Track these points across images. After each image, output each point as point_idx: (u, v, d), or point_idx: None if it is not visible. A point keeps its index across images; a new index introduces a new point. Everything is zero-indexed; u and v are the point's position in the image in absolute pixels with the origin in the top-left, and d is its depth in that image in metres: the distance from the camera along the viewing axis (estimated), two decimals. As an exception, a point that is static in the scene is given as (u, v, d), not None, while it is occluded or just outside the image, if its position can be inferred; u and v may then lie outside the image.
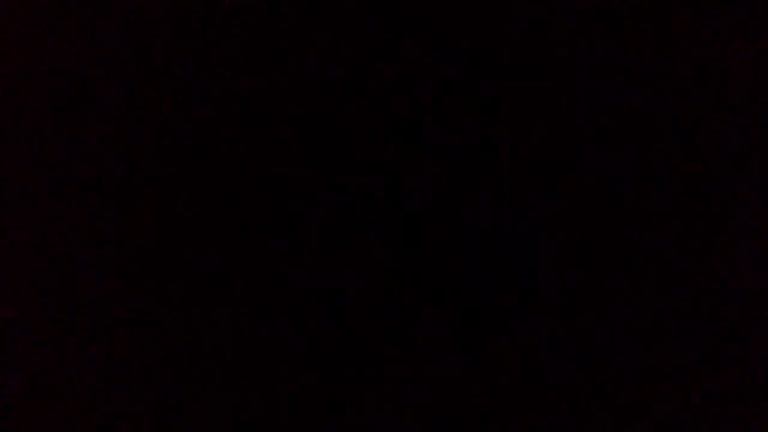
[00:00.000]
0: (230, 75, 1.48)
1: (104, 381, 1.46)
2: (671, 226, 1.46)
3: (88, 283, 1.47)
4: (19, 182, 1.47)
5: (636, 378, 1.44)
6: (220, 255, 1.47)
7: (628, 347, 1.44)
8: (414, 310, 1.46)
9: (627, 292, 1.45)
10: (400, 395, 1.45)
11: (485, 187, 1.47)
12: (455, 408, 1.45)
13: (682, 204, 1.46)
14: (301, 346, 1.46)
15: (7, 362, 1.46)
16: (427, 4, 1.48)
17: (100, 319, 1.46)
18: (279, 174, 1.47)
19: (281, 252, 1.47)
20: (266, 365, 1.46)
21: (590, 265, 1.46)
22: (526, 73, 1.48)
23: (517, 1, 1.47)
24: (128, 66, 1.49)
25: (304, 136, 1.48)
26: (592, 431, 1.44)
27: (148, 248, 1.47)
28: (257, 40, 1.48)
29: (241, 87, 1.48)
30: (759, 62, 1.47)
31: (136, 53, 1.49)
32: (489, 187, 1.47)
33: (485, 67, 1.47)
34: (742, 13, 1.47)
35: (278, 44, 1.48)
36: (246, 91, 1.48)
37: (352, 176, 1.47)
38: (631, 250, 1.46)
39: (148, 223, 1.47)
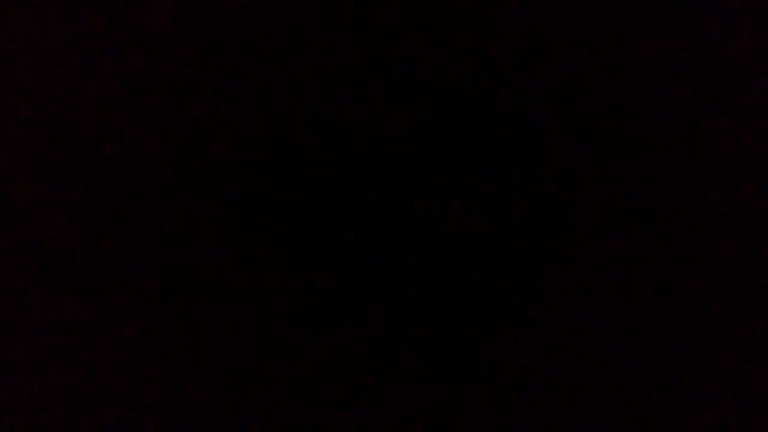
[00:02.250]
0: (230, 75, 1.49)
1: (103, 381, 1.46)
2: (671, 226, 1.46)
3: (87, 283, 1.47)
4: (19, 182, 1.47)
5: (636, 378, 1.45)
6: (220, 255, 1.47)
7: (628, 347, 1.45)
8: (413, 310, 1.46)
9: (627, 292, 1.46)
10: (401, 395, 1.45)
11: (486, 186, 1.47)
12: (455, 408, 1.45)
13: (682, 204, 1.46)
14: (302, 346, 1.46)
15: (7, 362, 1.46)
16: (427, 4, 1.48)
17: (98, 319, 1.47)
18: (279, 173, 1.48)
19: (281, 252, 1.47)
20: (266, 365, 1.46)
21: (590, 265, 1.46)
22: (527, 73, 1.48)
23: (517, 1, 1.48)
24: (128, 65, 1.49)
25: (305, 136, 1.48)
26: (592, 431, 1.44)
27: (148, 248, 1.47)
28: (257, 40, 1.49)
29: (241, 87, 1.49)
30: (759, 62, 1.48)
31: (136, 53, 1.49)
32: (490, 186, 1.47)
33: (485, 67, 1.48)
34: (741, 13, 1.48)
35: (278, 44, 1.49)
36: (246, 91, 1.48)
37: (353, 176, 1.48)
38: (631, 250, 1.46)
39: (147, 223, 1.47)
